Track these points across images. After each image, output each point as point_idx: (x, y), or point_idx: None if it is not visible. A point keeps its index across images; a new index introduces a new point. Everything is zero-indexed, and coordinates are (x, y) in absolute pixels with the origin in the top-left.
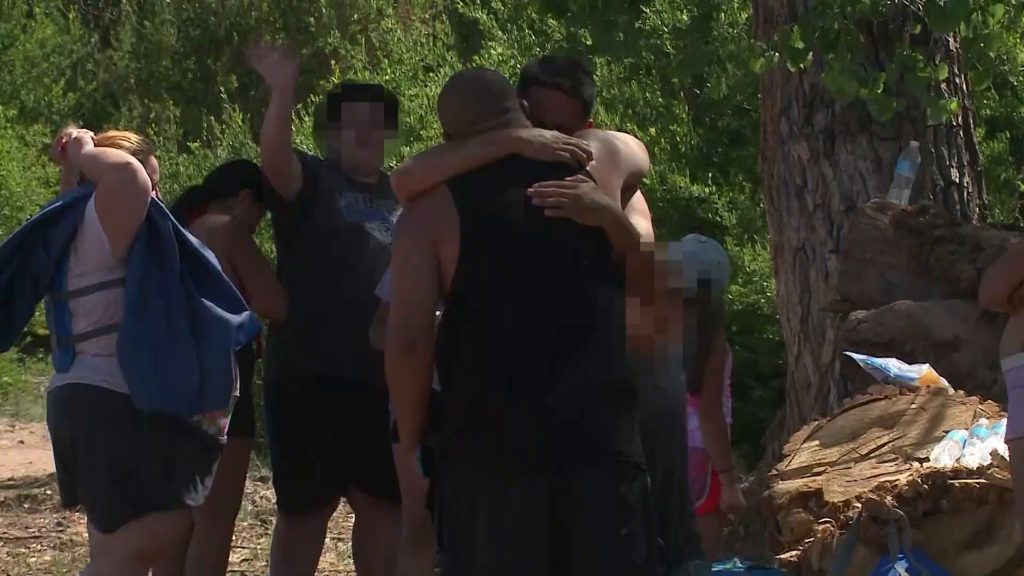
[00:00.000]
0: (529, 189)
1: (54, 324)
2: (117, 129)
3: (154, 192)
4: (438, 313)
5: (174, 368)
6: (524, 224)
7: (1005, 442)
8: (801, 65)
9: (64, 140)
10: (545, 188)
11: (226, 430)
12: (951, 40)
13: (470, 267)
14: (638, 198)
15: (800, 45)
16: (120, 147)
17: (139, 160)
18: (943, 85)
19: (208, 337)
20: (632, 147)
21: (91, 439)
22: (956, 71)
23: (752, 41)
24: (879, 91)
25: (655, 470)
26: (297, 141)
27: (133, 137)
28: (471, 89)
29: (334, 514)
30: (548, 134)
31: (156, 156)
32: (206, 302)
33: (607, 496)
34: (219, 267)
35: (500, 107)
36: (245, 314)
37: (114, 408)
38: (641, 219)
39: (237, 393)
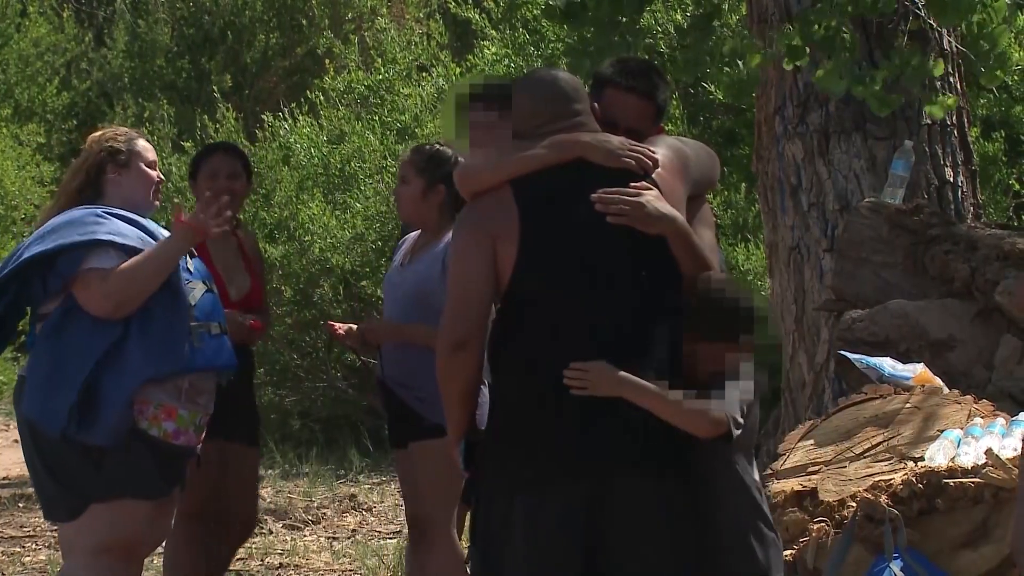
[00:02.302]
0: (593, 195)
1: None
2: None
3: (155, 172)
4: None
5: (56, 388)
6: (585, 229)
7: None
8: (796, 63)
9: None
10: (608, 195)
11: (186, 439)
12: (946, 39)
13: (527, 268)
14: (705, 208)
15: (798, 42)
16: (115, 142)
17: (127, 148)
18: (938, 83)
19: (118, 373)
20: (702, 156)
21: (24, 433)
22: (951, 70)
23: (751, 38)
24: (876, 88)
25: None
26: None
27: (121, 130)
28: (542, 90)
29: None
30: (615, 140)
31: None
32: (136, 344)
33: (648, 505)
34: (187, 310)
35: (570, 110)
36: (169, 372)
37: None
38: (705, 230)
39: (210, 410)
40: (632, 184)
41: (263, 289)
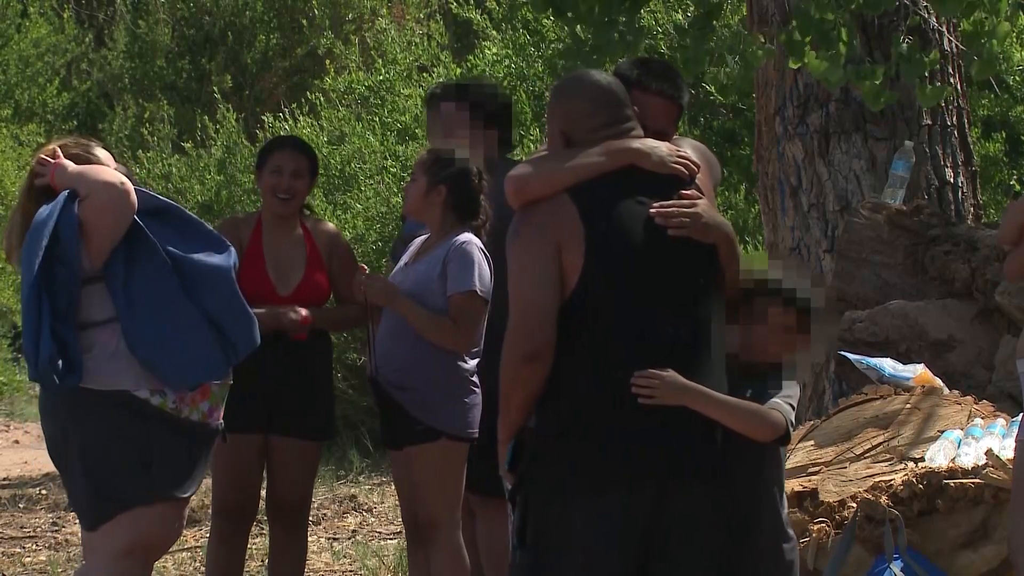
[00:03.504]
0: (651, 209)
1: None
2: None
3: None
4: None
5: (188, 342)
6: (645, 237)
7: (1017, 440)
8: (796, 64)
9: (53, 166)
10: (667, 208)
11: (217, 415)
12: (946, 39)
13: (594, 276)
14: None
15: (797, 37)
16: (40, 166)
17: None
18: (937, 82)
19: (210, 289)
20: (714, 158)
21: (66, 438)
22: (951, 70)
23: (751, 33)
24: (877, 81)
25: None
26: None
27: (47, 149)
28: (598, 95)
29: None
30: (663, 146)
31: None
32: (196, 257)
33: (706, 511)
34: (186, 212)
35: (624, 115)
36: (231, 251)
37: (82, 405)
38: None
39: (230, 380)
40: (683, 193)
41: (327, 282)
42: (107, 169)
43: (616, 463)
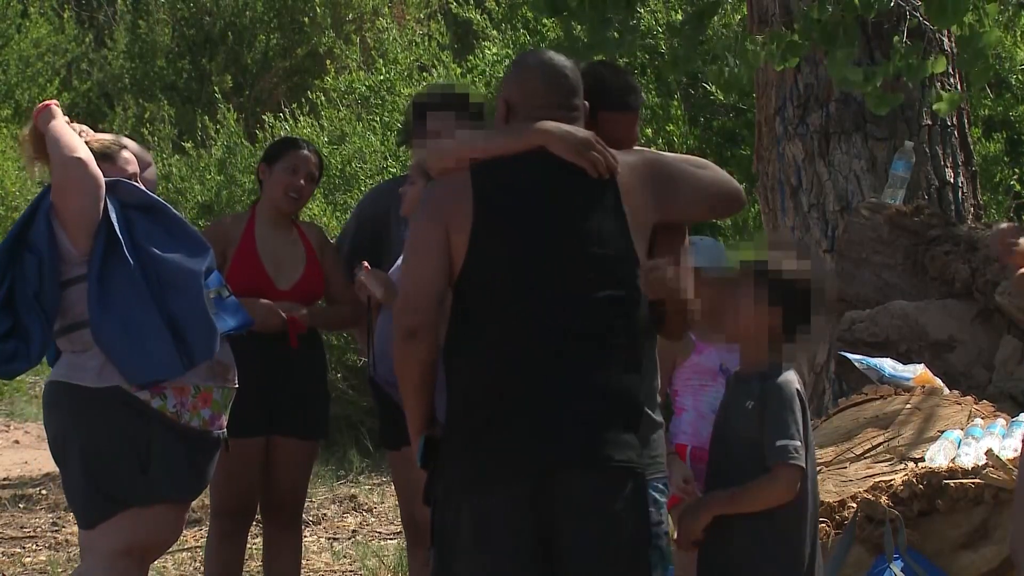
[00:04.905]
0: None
1: None
2: (107, 130)
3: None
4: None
5: (148, 341)
6: (538, 222)
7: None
8: (788, 65)
9: (41, 107)
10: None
11: (220, 424)
12: (946, 40)
13: (477, 259)
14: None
15: (795, 39)
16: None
17: (109, 157)
18: (938, 83)
19: (178, 292)
20: (690, 176)
21: (66, 436)
22: (951, 70)
23: (751, 35)
24: (877, 84)
25: None
26: None
27: (107, 138)
28: (552, 75)
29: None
30: (581, 133)
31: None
32: (172, 257)
33: (592, 502)
34: (173, 211)
35: (571, 103)
36: (209, 255)
37: (82, 403)
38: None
39: (235, 386)
40: (652, 265)
41: (323, 280)
42: (71, 145)
43: (502, 457)
